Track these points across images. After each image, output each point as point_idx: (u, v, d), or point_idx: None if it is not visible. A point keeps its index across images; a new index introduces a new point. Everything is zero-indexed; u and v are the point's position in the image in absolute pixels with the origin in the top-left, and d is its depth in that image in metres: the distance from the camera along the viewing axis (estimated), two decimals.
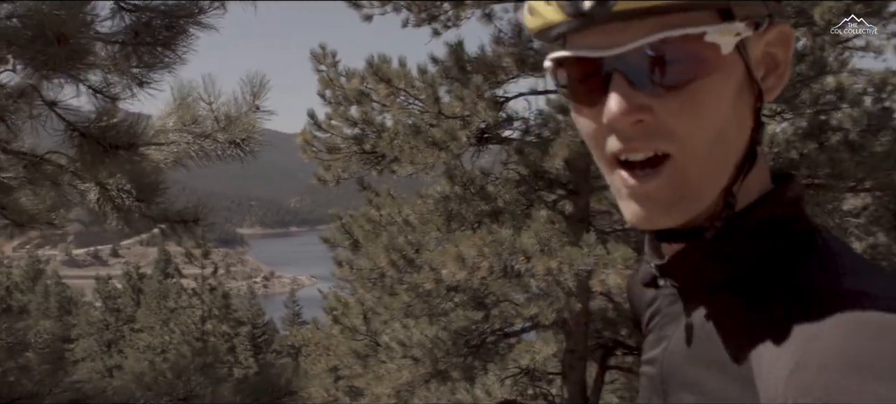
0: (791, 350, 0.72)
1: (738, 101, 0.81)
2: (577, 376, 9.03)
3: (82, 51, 2.62)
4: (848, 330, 0.70)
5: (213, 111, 4.01)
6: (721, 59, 0.78)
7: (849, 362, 0.66)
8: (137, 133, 3.05)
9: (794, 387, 0.69)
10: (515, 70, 9.03)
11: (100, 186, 3.14)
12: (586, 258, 7.35)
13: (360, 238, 9.32)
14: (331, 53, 9.75)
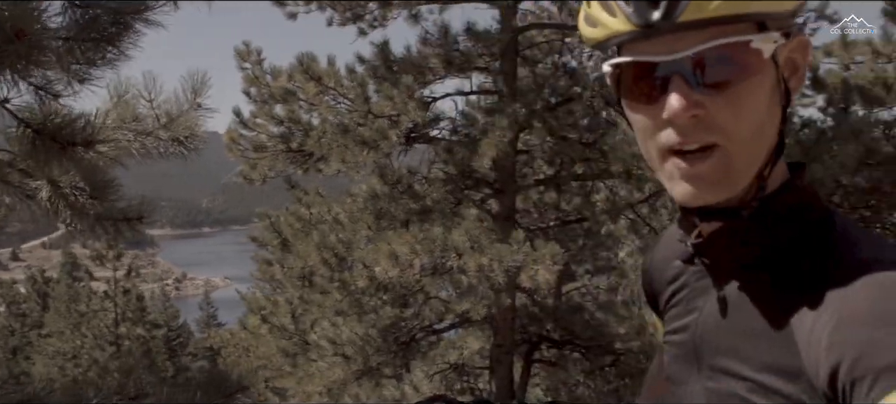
0: (828, 313, 0.87)
1: (772, 99, 0.95)
2: (504, 370, 9.22)
3: (40, 47, 2.61)
4: (874, 292, 0.84)
5: (153, 108, 4.00)
6: (761, 63, 0.92)
7: (878, 317, 0.82)
8: (95, 130, 3.04)
9: (837, 343, 0.83)
10: (442, 71, 9.16)
11: (51, 184, 3.12)
12: (515, 255, 7.55)
13: (288, 237, 9.29)
14: (255, 50, 9.69)
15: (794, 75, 0.98)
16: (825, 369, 0.84)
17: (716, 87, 0.91)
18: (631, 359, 9.55)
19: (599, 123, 9.52)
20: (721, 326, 1.03)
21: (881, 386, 0.77)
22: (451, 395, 7.21)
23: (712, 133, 0.92)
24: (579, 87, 9.56)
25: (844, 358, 0.82)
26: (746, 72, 0.91)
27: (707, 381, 1.05)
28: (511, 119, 8.25)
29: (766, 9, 0.90)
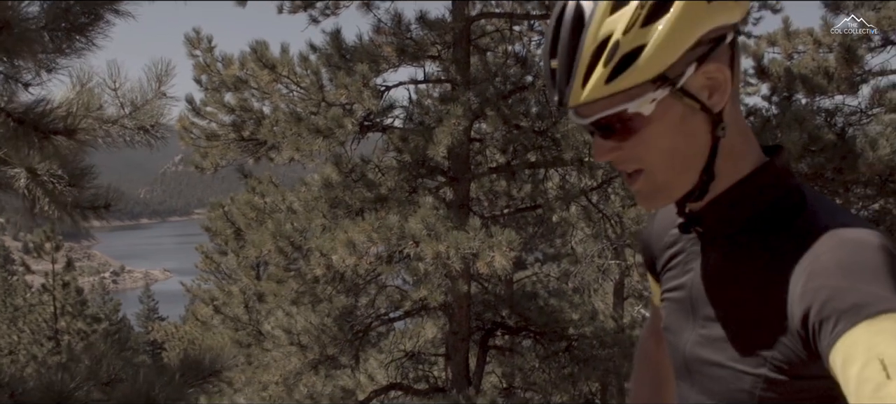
0: (800, 268, 1.07)
1: (686, 122, 1.15)
2: (460, 357, 9.29)
3: (25, 38, 2.56)
4: (838, 250, 1.04)
5: (118, 97, 3.94)
6: (649, 117, 1.14)
7: (841, 270, 1.01)
8: (76, 119, 2.99)
9: (808, 291, 1.03)
10: (395, 59, 9.15)
11: (29, 172, 3.06)
12: (472, 242, 7.60)
13: (242, 226, 9.19)
14: (206, 38, 9.56)
15: (716, 92, 1.15)
16: (798, 313, 1.04)
17: (621, 137, 1.16)
18: (584, 345, 9.72)
19: (551, 112, 9.62)
20: (711, 281, 1.24)
21: (843, 323, 0.96)
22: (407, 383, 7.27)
23: (633, 162, 1.19)
24: (530, 75, 9.64)
25: (814, 303, 1.01)
26: (635, 127, 1.15)
27: (700, 329, 1.26)
28: (465, 107, 8.29)
29: (635, 81, 1.10)
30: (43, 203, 3.08)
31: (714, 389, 1.23)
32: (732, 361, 1.18)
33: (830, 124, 9.87)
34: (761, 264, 1.15)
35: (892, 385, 0.87)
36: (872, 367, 0.90)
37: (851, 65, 9.89)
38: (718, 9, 1.11)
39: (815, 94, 9.94)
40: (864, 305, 0.95)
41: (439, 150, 8.24)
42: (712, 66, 1.14)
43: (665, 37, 1.08)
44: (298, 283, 8.40)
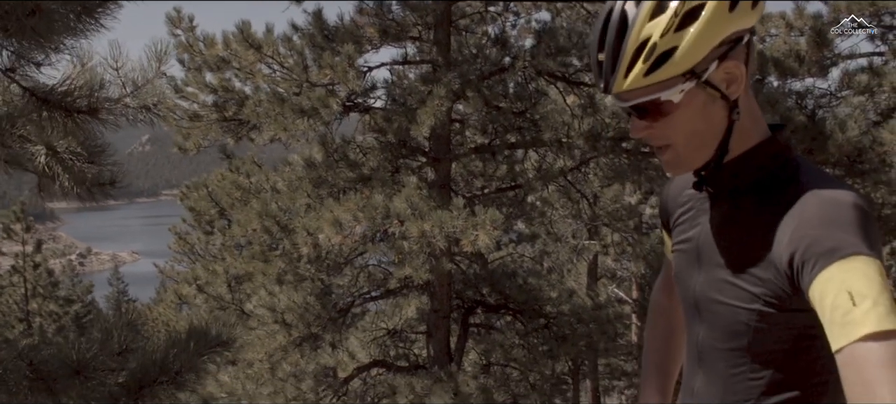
0: (791, 220, 1.32)
1: (707, 108, 1.42)
2: (441, 335, 9.45)
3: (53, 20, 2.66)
4: (819, 206, 1.30)
5: (120, 77, 4.02)
6: (678, 104, 1.40)
7: (822, 221, 1.27)
8: (98, 98, 3.08)
9: (795, 239, 1.29)
10: (377, 40, 9.24)
11: (49, 149, 3.14)
12: (456, 221, 7.75)
13: (226, 206, 9.25)
14: (188, 17, 9.57)
15: (733, 83, 1.42)
16: (786, 256, 1.30)
17: (653, 118, 1.43)
18: (562, 322, 9.93)
19: (530, 93, 9.77)
20: (716, 234, 1.50)
21: (821, 263, 1.22)
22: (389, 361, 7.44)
23: (662, 139, 1.46)
24: (509, 57, 9.77)
25: (798, 248, 1.27)
26: (666, 111, 1.41)
27: (705, 274, 1.52)
28: (447, 88, 8.41)
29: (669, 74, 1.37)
30: (62, 179, 3.17)
31: (718, 323, 1.48)
32: (732, 299, 1.43)
33: (801, 106, 10.12)
34: (758, 218, 1.40)
35: (857, 311, 1.14)
36: (842, 297, 1.17)
37: (822, 48, 10.15)
38: (738, 15, 1.37)
39: (787, 77, 10.19)
40: (837, 249, 1.21)
41: (422, 131, 8.36)
42: (731, 62, 1.40)
43: (694, 40, 1.35)
44: (285, 262, 8.50)
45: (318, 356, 9.72)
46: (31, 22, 2.61)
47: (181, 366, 3.43)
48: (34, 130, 3.08)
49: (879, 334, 1.12)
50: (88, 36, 3.81)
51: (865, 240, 1.22)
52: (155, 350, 3.51)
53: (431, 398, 8.33)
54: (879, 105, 10.38)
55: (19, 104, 3.00)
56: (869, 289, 1.15)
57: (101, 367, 3.29)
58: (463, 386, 8.81)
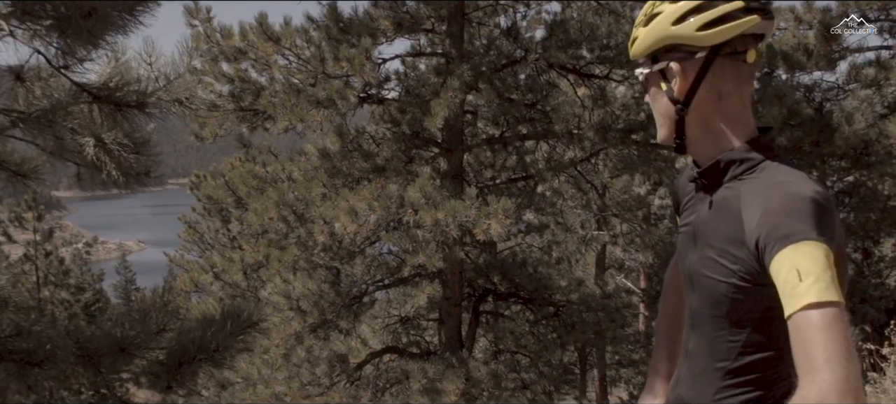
0: (759, 208, 1.54)
1: (658, 94, 1.79)
2: (453, 321, 9.64)
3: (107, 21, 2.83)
4: (782, 197, 1.52)
5: (153, 71, 4.19)
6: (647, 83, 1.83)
7: (782, 211, 1.50)
8: (145, 93, 3.25)
9: (760, 224, 1.52)
10: (392, 32, 9.40)
11: (97, 140, 3.31)
12: (469, 210, 7.92)
13: (242, 195, 9.43)
14: (205, 9, 9.74)
15: (673, 81, 1.76)
16: (753, 239, 1.53)
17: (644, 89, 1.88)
18: (571, 310, 10.10)
19: (541, 85, 9.92)
20: (709, 219, 1.75)
21: (779, 246, 1.46)
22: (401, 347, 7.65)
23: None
24: (522, 49, 9.92)
25: (762, 233, 1.51)
26: (645, 85, 1.85)
27: (698, 253, 1.77)
28: (460, 80, 8.56)
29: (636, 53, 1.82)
30: (109, 168, 3.34)
31: (705, 294, 1.74)
32: (716, 274, 1.69)
33: (809, 99, 10.28)
34: (736, 207, 1.64)
35: (803, 285, 1.40)
36: (792, 274, 1.42)
37: (830, 42, 10.29)
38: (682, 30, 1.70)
39: (795, 70, 10.33)
40: (792, 235, 1.46)
41: (436, 122, 8.51)
42: (675, 64, 1.73)
43: (645, 34, 1.77)
44: (300, 250, 8.68)
45: (331, 342, 9.90)
46: (87, 23, 2.79)
47: (218, 345, 3.62)
48: (83, 122, 3.25)
49: (818, 304, 1.38)
50: (129, 33, 3.99)
51: (816, 228, 1.46)
52: (192, 329, 3.69)
53: (443, 383, 8.51)
54: (886, 98, 10.52)
55: (69, 98, 3.17)
56: (813, 268, 1.40)
57: (144, 345, 3.48)
58: (474, 372, 9.00)
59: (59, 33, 2.94)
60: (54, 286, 24.93)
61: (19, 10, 2.95)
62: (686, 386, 1.86)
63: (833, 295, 1.39)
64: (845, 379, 1.33)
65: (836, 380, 1.33)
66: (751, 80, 1.77)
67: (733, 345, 1.71)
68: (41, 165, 3.53)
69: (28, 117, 3.13)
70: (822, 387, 1.34)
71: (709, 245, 1.72)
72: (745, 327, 1.68)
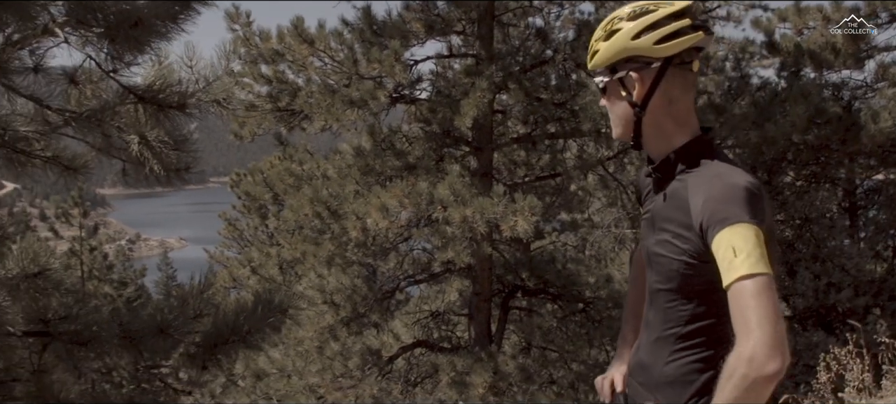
0: (702, 196, 1.81)
1: (617, 99, 2.04)
2: (482, 317, 9.86)
3: (153, 30, 3.12)
4: (722, 188, 1.78)
5: (194, 73, 4.47)
6: (606, 90, 2.08)
7: (721, 198, 1.76)
8: (186, 94, 3.54)
9: (703, 209, 1.78)
10: (423, 34, 9.65)
11: (141, 138, 3.60)
12: (496, 207, 8.15)
13: (279, 191, 9.75)
14: (245, 13, 10.09)
15: (633, 89, 2.02)
16: (697, 222, 1.80)
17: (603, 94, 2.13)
18: (599, 306, 10.27)
19: (570, 85, 10.10)
20: (663, 207, 2.00)
21: (717, 227, 1.73)
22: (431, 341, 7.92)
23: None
24: (551, 50, 10.11)
25: (704, 217, 1.78)
26: (604, 92, 2.11)
27: (655, 236, 2.02)
28: (490, 81, 8.79)
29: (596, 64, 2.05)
30: (152, 164, 3.63)
31: (660, 271, 2.01)
32: (669, 253, 1.95)
33: (837, 98, 10.32)
34: (685, 195, 1.90)
35: (737, 260, 1.67)
36: (729, 251, 1.70)
37: (858, 41, 10.32)
38: (641, 44, 1.95)
39: (823, 69, 10.38)
40: (728, 218, 1.73)
41: (466, 121, 8.74)
42: (635, 74, 1.98)
43: (606, 48, 2.01)
44: (334, 246, 8.97)
45: (364, 337, 10.19)
46: (135, 32, 3.08)
47: (250, 328, 3.89)
48: (129, 121, 3.54)
49: (750, 275, 1.66)
50: (172, 40, 4.29)
51: (748, 213, 1.73)
52: (227, 314, 3.97)
53: (472, 376, 8.74)
54: None
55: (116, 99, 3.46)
56: (745, 245, 1.68)
57: (182, 329, 3.76)
58: (502, 366, 9.21)
59: (109, 40, 3.23)
60: (98, 280, 25.57)
61: (74, 19, 3.24)
62: (645, 351, 2.14)
63: (762, 267, 1.66)
64: (773, 335, 1.63)
65: (766, 337, 1.62)
66: (695, 87, 2.05)
67: (683, 314, 1.98)
68: (90, 161, 3.83)
69: (79, 116, 3.43)
70: (755, 343, 1.63)
71: (663, 229, 1.98)
72: (693, 299, 1.95)
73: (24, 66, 3.48)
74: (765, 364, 1.62)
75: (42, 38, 3.78)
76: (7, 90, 3.82)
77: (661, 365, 2.05)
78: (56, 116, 3.51)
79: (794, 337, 9.58)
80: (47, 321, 3.72)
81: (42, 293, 3.46)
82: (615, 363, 2.44)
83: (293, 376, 10.01)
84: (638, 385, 2.17)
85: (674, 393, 2.01)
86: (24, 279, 3.36)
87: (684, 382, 1.99)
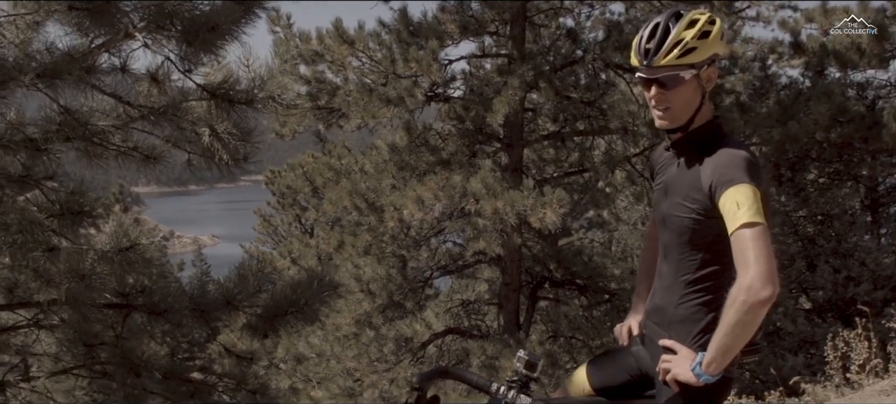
0: (712, 164, 2.28)
1: (695, 90, 2.37)
2: (511, 306, 10.27)
3: (225, 33, 3.57)
4: (728, 157, 2.26)
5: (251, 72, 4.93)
6: (686, 81, 2.36)
7: (727, 165, 2.24)
8: (253, 91, 3.99)
9: (712, 174, 2.25)
10: (458, 35, 10.07)
11: (212, 131, 4.06)
12: (526, 200, 8.56)
13: (319, 185, 10.23)
14: (286, 16, 10.58)
15: (708, 81, 2.37)
16: (707, 184, 2.23)
17: (667, 89, 2.35)
18: (624, 297, 10.62)
19: (599, 84, 10.47)
20: (677, 176, 2.42)
21: (723, 187, 2.16)
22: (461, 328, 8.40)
23: (667, 103, 2.37)
24: (581, 50, 10.48)
25: (713, 179, 2.21)
26: (676, 85, 2.35)
27: (669, 201, 2.43)
28: (521, 80, 9.19)
29: (689, 61, 2.31)
30: (221, 154, 4.09)
31: (674, 228, 2.41)
32: (681, 213, 2.36)
33: (861, 97, 10.58)
34: (697, 166, 2.32)
35: (740, 212, 2.10)
36: (733, 205, 2.12)
37: (882, 41, 10.57)
38: (723, 43, 2.37)
39: (848, 69, 10.64)
40: (733, 180, 2.15)
41: (497, 119, 9.16)
42: (713, 69, 2.38)
43: (706, 46, 2.33)
44: (370, 237, 9.43)
45: (398, 325, 10.64)
46: (210, 36, 3.54)
47: (306, 301, 4.33)
48: (200, 116, 4.00)
49: (750, 224, 2.10)
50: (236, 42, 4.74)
51: (749, 176, 2.17)
52: (284, 289, 4.43)
53: (500, 361, 9.15)
54: None
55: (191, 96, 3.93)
56: (746, 201, 2.12)
57: (245, 302, 4.22)
58: None
59: (186, 43, 3.69)
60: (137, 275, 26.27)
61: (152, 25, 3.71)
62: (659, 296, 2.55)
63: (759, 218, 2.10)
64: (767, 269, 2.07)
65: (761, 270, 2.07)
66: None
67: (693, 263, 2.39)
68: (166, 151, 4.30)
69: (156, 111, 3.90)
70: (752, 275, 2.07)
71: (677, 193, 2.41)
72: (701, 250, 2.37)
73: (113, 67, 3.94)
74: (760, 290, 2.06)
75: (123, 42, 4.27)
76: (91, 88, 4.30)
77: (673, 307, 2.46)
78: (134, 111, 3.97)
79: (813, 329, 9.87)
80: (128, 294, 4.20)
81: (132, 266, 3.91)
82: (631, 314, 2.85)
83: (331, 360, 10.49)
84: (653, 325, 2.56)
85: (684, 330, 2.42)
86: (117, 253, 3.82)
87: (693, 320, 2.41)
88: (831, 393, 6.03)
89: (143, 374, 4.08)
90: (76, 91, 4.32)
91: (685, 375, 2.33)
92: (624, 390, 2.72)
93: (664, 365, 2.42)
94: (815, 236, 11.35)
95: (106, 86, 4.19)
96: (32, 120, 4.61)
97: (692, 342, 2.40)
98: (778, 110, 9.83)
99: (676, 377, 2.36)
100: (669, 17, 2.36)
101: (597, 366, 2.82)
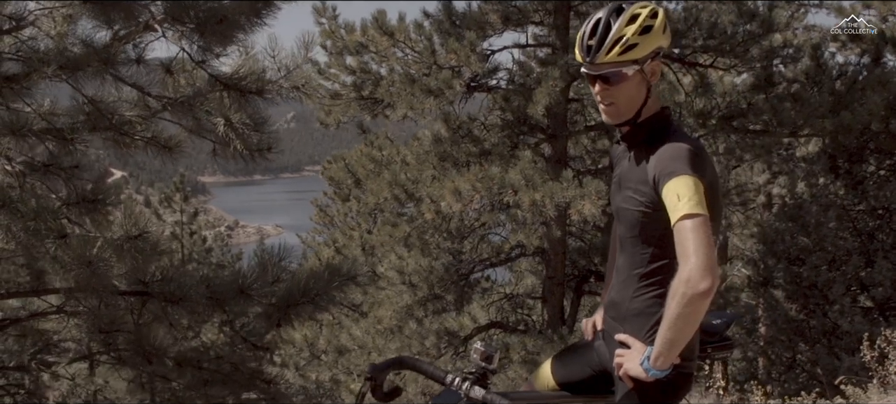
0: (657, 157, 2.27)
1: (639, 85, 2.36)
2: (556, 300, 10.16)
3: (237, 25, 3.60)
4: (673, 150, 2.25)
5: (276, 62, 4.95)
6: (628, 78, 2.34)
7: (670, 158, 2.23)
8: (264, 81, 4.02)
9: (656, 166, 2.25)
10: (500, 25, 9.98)
11: (226, 120, 4.10)
12: (565, 192, 8.45)
13: (361, 176, 10.27)
14: (331, 8, 10.65)
15: (653, 75, 2.37)
16: (651, 176, 2.24)
17: (611, 85, 2.34)
18: None
19: None
20: (629, 170, 2.42)
21: (665, 179, 2.17)
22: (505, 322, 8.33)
23: (612, 99, 2.37)
24: None
25: (657, 172, 2.21)
26: (619, 81, 2.34)
27: (621, 194, 2.44)
28: (563, 70, 9.05)
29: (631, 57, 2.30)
30: (235, 143, 4.13)
31: (626, 221, 2.42)
32: (631, 205, 2.37)
33: None
34: (646, 159, 2.32)
35: (680, 203, 2.10)
36: (674, 196, 2.13)
37: None
38: (665, 36, 2.35)
39: None
40: (674, 172, 2.16)
41: (538, 109, 9.04)
42: (656, 62, 2.37)
43: (647, 41, 2.32)
44: (410, 227, 9.43)
45: (440, 318, 10.62)
46: (220, 27, 3.56)
47: (318, 291, 4.35)
48: (216, 106, 4.03)
49: (690, 215, 2.09)
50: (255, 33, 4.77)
51: (690, 167, 2.16)
52: (299, 279, 4.44)
53: (541, 356, 9.05)
54: None
55: (206, 86, 3.96)
56: (686, 192, 2.11)
57: (261, 291, 4.25)
58: None
59: (200, 34, 3.72)
60: (197, 263, 26.87)
61: (170, 17, 3.75)
62: (615, 291, 2.58)
63: (700, 210, 2.10)
64: (706, 261, 2.05)
65: (700, 262, 2.05)
66: None
67: (644, 256, 2.41)
68: (184, 141, 4.35)
69: (175, 102, 3.94)
70: (691, 267, 2.06)
71: (628, 187, 2.41)
72: (652, 244, 2.37)
73: (129, 58, 4.00)
74: (699, 282, 2.04)
75: (143, 34, 4.32)
76: (115, 80, 4.37)
77: (628, 301, 2.47)
78: (155, 102, 4.03)
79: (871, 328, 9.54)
80: (146, 282, 4.26)
81: (141, 253, 3.97)
82: (599, 309, 2.82)
83: (373, 352, 10.53)
84: (610, 319, 2.58)
85: (638, 323, 2.43)
86: (127, 240, 3.88)
87: (647, 314, 2.41)
88: (874, 395, 5.80)
89: (155, 361, 4.14)
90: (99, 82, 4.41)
91: (635, 370, 2.33)
92: (586, 385, 2.75)
93: (618, 360, 2.42)
94: (873, 231, 10.95)
95: (127, 77, 4.27)
96: (64, 110, 4.73)
97: (646, 336, 2.39)
98: (831, 100, 9.49)
99: (628, 372, 2.36)
100: (611, 12, 2.33)
101: (561, 361, 2.83)
